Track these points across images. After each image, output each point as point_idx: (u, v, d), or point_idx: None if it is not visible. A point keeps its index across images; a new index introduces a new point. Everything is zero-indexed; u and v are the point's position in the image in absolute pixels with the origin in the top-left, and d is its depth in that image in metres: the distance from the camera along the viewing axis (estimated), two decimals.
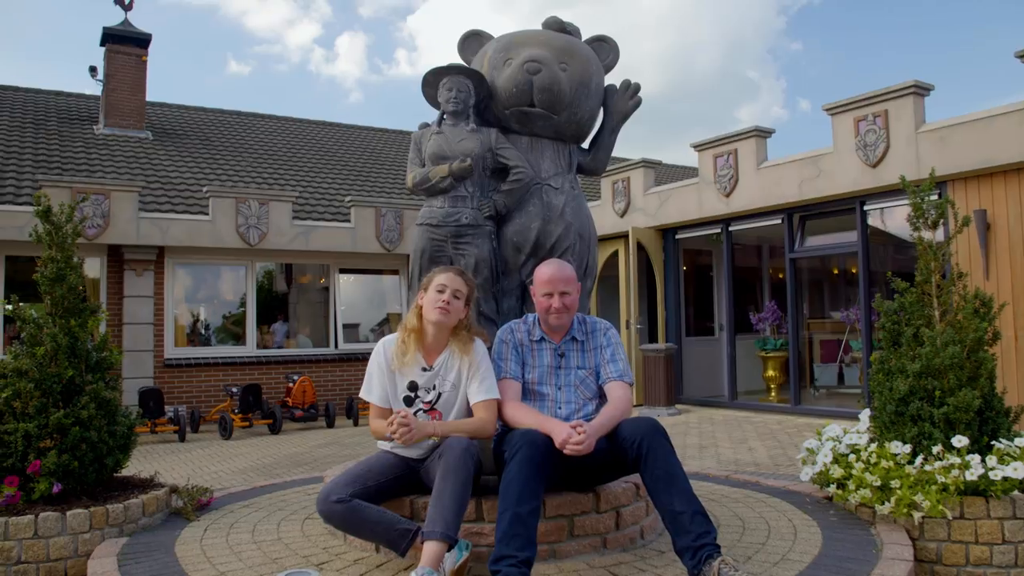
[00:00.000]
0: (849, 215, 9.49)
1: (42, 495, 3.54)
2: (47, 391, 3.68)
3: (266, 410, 10.35)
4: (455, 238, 3.73)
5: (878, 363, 4.02)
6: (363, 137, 17.70)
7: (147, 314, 10.66)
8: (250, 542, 3.43)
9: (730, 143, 10.58)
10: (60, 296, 3.89)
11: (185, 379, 10.93)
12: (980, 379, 3.73)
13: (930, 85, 8.50)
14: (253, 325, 11.74)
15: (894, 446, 3.63)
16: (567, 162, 3.96)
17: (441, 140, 3.80)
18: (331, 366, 11.97)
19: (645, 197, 11.97)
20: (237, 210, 11.10)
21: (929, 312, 3.92)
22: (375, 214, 12.16)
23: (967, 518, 3.34)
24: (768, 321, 11.41)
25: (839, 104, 9.11)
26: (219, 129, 15.70)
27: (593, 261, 3.93)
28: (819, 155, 9.42)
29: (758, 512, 3.85)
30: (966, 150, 7.97)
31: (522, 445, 2.80)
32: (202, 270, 11.67)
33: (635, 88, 4.06)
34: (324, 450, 8.34)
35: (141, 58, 14.03)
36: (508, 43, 3.92)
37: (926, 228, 4.03)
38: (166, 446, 9.09)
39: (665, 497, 2.77)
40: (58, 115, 14.13)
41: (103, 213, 10.09)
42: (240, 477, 6.64)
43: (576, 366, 3.29)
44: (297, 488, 4.67)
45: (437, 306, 3.10)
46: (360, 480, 3.01)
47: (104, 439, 3.76)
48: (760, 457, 7.05)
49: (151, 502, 3.77)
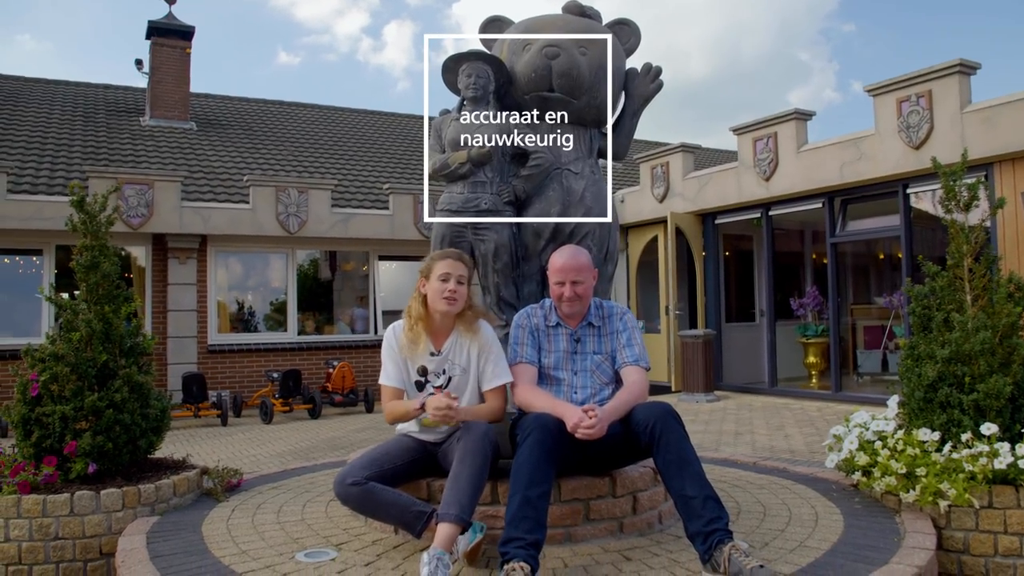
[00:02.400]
0: (892, 198, 9.27)
1: (78, 475, 3.67)
2: (82, 375, 3.80)
3: (306, 395, 10.53)
4: (475, 224, 3.75)
5: (908, 349, 3.93)
6: (402, 124, 17.80)
7: (190, 301, 10.91)
8: (274, 522, 3.52)
9: (770, 126, 10.40)
10: (94, 283, 4.01)
11: (228, 364, 11.17)
12: (1013, 365, 3.62)
13: (976, 64, 8.24)
14: (295, 312, 11.94)
15: (922, 433, 3.56)
16: (587, 147, 3.94)
17: (460, 126, 3.81)
18: (370, 352, 12.11)
19: (684, 182, 11.84)
20: (277, 198, 11.27)
21: (960, 296, 3.83)
22: (413, 201, 12.24)
23: (996, 507, 3.26)
24: (809, 307, 11.24)
25: (881, 85, 8.89)
26: (261, 119, 15.95)
27: (614, 246, 3.92)
28: (860, 137, 9.21)
29: (781, 499, 3.81)
30: (1014, 130, 7.72)
31: (533, 429, 2.82)
32: (243, 258, 11.90)
33: (656, 71, 4.01)
34: (361, 435, 8.47)
35: (185, 50, 14.31)
36: (527, 27, 3.91)
37: (958, 210, 3.93)
38: (208, 430, 9.32)
39: (677, 482, 2.77)
40: (106, 107, 14.50)
41: (147, 203, 10.34)
42: (277, 460, 6.79)
43: (592, 351, 3.29)
44: (327, 471, 4.76)
45: (444, 296, 3.13)
46: (377, 463, 3.06)
47: (137, 421, 3.88)
48: (796, 444, 6.96)
49: (182, 483, 3.88)
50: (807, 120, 10.21)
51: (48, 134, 12.53)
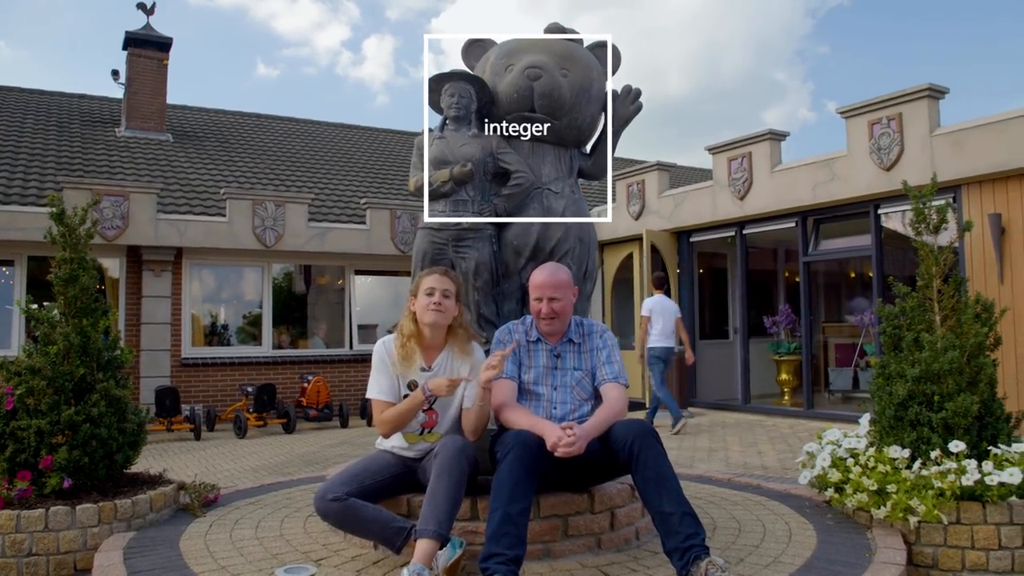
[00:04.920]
0: (863, 219, 9.44)
1: (53, 490, 3.64)
2: (59, 388, 3.77)
3: (280, 410, 10.46)
4: (456, 241, 3.79)
5: (878, 367, 4.03)
6: (379, 139, 17.83)
7: (164, 314, 10.82)
8: (252, 538, 3.51)
9: (744, 146, 10.56)
10: (73, 296, 3.99)
11: (201, 378, 11.07)
12: (980, 384, 3.72)
13: (945, 88, 8.45)
14: (270, 325, 11.87)
15: (893, 450, 3.64)
16: (568, 167, 4.01)
17: (443, 145, 3.86)
18: (346, 366, 12.07)
19: (660, 200, 11.97)
20: (254, 211, 11.23)
21: (930, 317, 3.93)
22: (390, 216, 12.25)
23: (963, 523, 3.35)
24: (782, 324, 11.38)
25: (853, 107, 9.08)
26: (238, 131, 15.89)
27: (593, 265, 3.97)
28: (833, 158, 9.39)
29: (755, 515, 3.87)
30: (981, 153, 7.91)
31: (514, 446, 2.85)
32: (219, 271, 11.82)
33: (636, 94, 4.09)
34: (336, 450, 8.43)
35: (162, 61, 14.25)
36: (510, 49, 3.97)
37: (928, 232, 4.04)
38: (181, 444, 9.22)
39: (655, 498, 2.81)
40: (81, 118, 14.38)
41: (122, 214, 10.26)
42: (251, 475, 6.74)
43: (572, 367, 3.33)
44: (304, 486, 4.75)
45: (430, 307, 3.17)
46: (357, 479, 3.08)
47: (114, 436, 3.85)
48: (769, 461, 7.04)
49: (159, 498, 3.86)
50: (781, 140, 10.39)
51: (21, 143, 12.40)
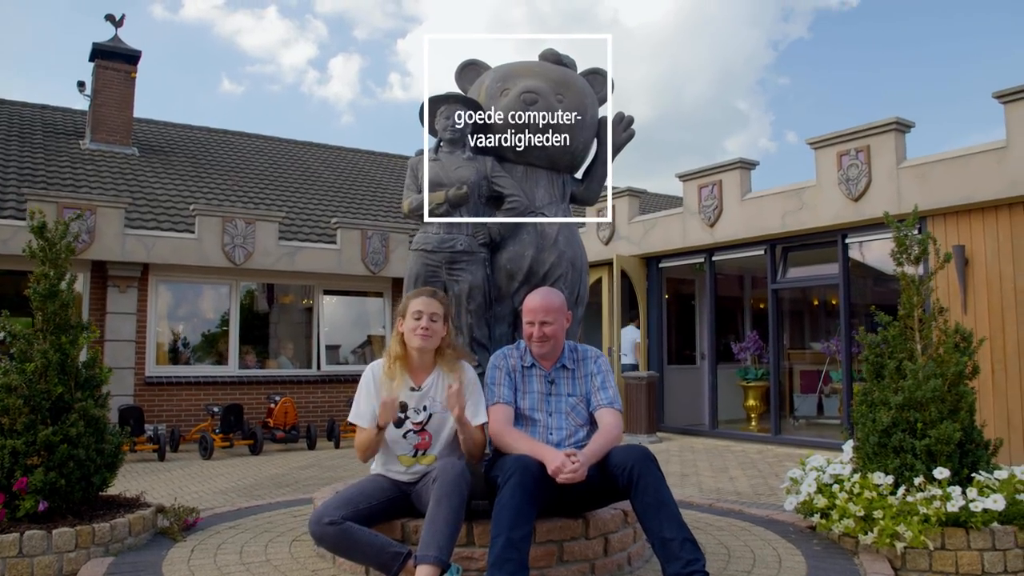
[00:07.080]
0: (831, 248, 9.63)
1: (27, 513, 3.53)
2: (36, 408, 3.67)
3: (247, 430, 10.27)
4: (449, 264, 3.78)
5: (861, 395, 4.09)
6: (351, 159, 17.75)
7: (129, 331, 10.57)
8: (238, 563, 3.43)
9: (715, 174, 10.73)
10: (52, 312, 3.89)
11: (166, 398, 10.83)
12: (961, 412, 3.81)
13: (911, 122, 8.70)
14: (236, 344, 11.67)
15: (877, 477, 3.70)
16: (561, 192, 4.04)
17: (438, 167, 3.86)
18: (313, 387, 11.91)
19: (630, 225, 12.09)
20: (223, 229, 11.08)
21: (912, 346, 4.01)
22: (361, 236, 12.17)
23: (948, 549, 3.41)
24: (750, 351, 11.51)
25: (822, 138, 9.29)
26: (206, 147, 15.69)
27: (584, 290, 4.00)
28: (802, 188, 9.58)
29: (743, 540, 3.89)
30: (945, 186, 8.14)
31: (516, 470, 2.83)
32: (186, 288, 11.61)
33: (628, 121, 4.14)
34: (306, 472, 8.29)
35: (130, 74, 14.03)
36: (505, 73, 4.00)
37: (909, 263, 4.13)
38: (145, 465, 8.99)
39: (655, 524, 2.81)
40: (44, 129, 14.07)
41: (88, 229, 10.04)
42: (222, 498, 6.59)
43: (567, 393, 3.33)
44: (283, 510, 4.66)
45: (418, 333, 3.17)
46: (352, 503, 3.03)
47: (92, 457, 3.75)
48: (741, 486, 7.09)
49: (137, 522, 3.75)
50: (751, 169, 10.58)
51: None
